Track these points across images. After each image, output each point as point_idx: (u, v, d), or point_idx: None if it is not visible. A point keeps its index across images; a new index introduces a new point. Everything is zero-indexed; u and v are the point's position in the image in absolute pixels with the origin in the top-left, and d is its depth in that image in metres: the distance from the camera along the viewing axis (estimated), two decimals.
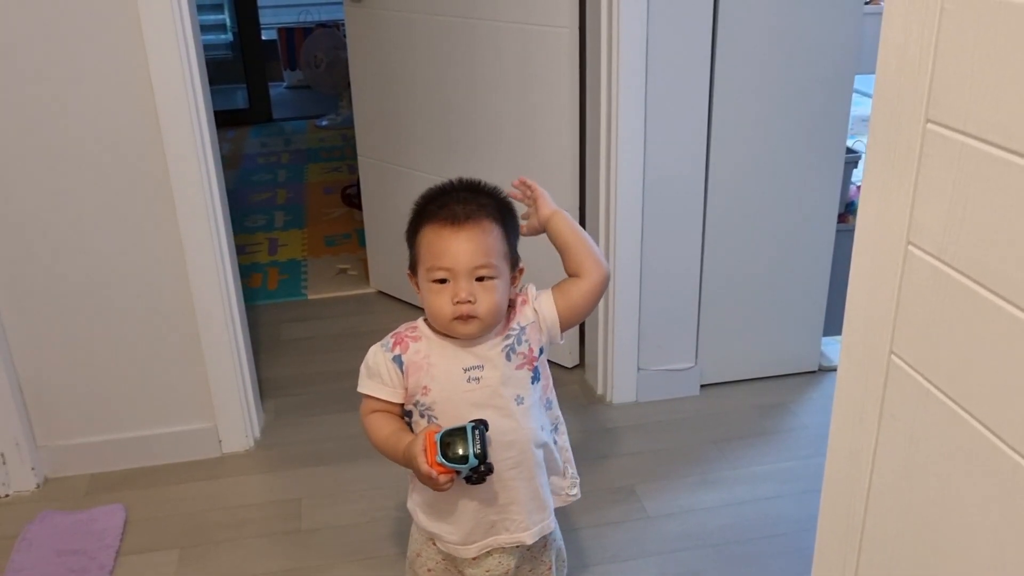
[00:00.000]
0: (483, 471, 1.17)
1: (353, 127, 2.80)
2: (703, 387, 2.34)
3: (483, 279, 1.22)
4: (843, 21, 2.05)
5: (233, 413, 2.10)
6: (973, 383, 0.76)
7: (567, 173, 2.23)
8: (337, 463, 2.07)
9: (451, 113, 2.44)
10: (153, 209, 1.90)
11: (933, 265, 0.79)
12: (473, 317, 1.22)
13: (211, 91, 2.01)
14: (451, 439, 1.18)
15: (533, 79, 2.21)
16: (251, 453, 2.13)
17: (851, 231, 0.93)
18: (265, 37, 5.34)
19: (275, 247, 3.37)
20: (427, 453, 1.18)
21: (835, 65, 2.09)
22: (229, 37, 5.62)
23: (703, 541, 1.81)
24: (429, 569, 1.41)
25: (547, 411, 1.36)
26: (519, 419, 1.28)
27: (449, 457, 1.17)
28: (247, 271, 3.07)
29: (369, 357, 1.31)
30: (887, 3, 0.82)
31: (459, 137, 2.44)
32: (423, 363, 1.27)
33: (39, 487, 2.01)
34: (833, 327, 2.39)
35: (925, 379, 0.82)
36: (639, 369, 2.27)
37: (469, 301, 1.21)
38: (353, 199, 3.52)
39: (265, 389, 2.35)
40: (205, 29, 5.13)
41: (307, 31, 5.48)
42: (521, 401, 1.28)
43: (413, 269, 1.30)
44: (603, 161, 2.10)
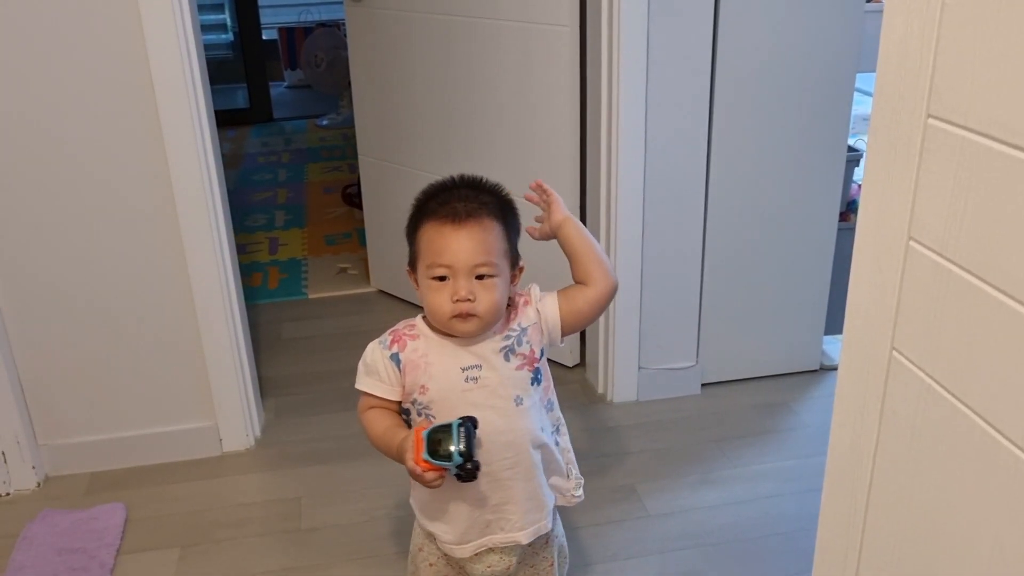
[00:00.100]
0: (469, 469, 1.15)
1: (353, 126, 2.81)
2: (704, 386, 2.34)
3: (483, 277, 1.22)
4: (844, 19, 2.05)
5: (233, 412, 2.10)
6: (975, 379, 0.76)
7: (568, 172, 2.23)
8: (337, 462, 2.07)
9: (452, 112, 2.44)
10: (154, 208, 1.90)
11: (934, 260, 0.79)
12: (472, 315, 1.22)
13: (212, 91, 2.01)
14: (438, 436, 1.17)
15: (534, 78, 2.21)
16: (251, 452, 2.14)
17: (852, 230, 0.92)
18: (266, 37, 5.34)
19: (275, 246, 3.37)
20: (414, 450, 1.17)
21: (836, 63, 2.09)
22: (230, 37, 5.62)
23: (704, 540, 1.81)
24: (431, 564, 1.40)
25: (548, 413, 1.36)
26: (517, 420, 1.27)
27: (435, 454, 1.16)
28: (248, 270, 3.07)
29: (367, 354, 1.31)
30: None
31: (459, 136, 2.44)
32: (420, 362, 1.27)
33: (40, 485, 2.01)
34: (834, 326, 2.39)
35: (926, 375, 0.82)
36: (640, 368, 2.27)
37: (469, 299, 1.21)
38: (353, 198, 3.52)
39: (265, 388, 2.35)
40: (206, 29, 5.15)
41: (308, 30, 5.48)
42: (520, 402, 1.28)
43: (412, 265, 1.29)
44: (604, 160, 2.10)
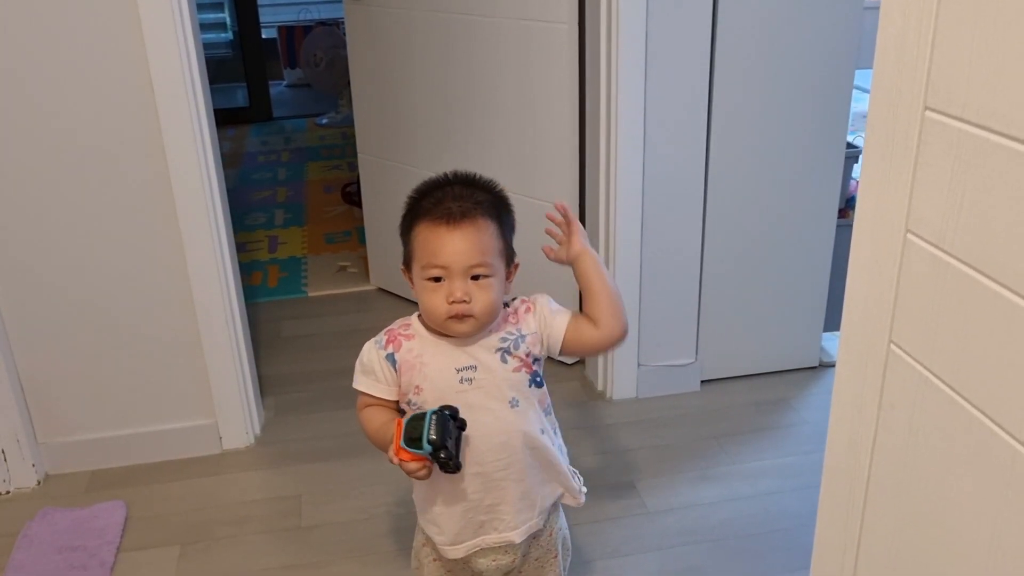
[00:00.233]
0: (443, 458, 1.14)
1: (353, 125, 2.80)
2: (703, 383, 2.34)
3: (478, 277, 1.21)
4: (843, 16, 2.05)
5: (233, 410, 2.10)
6: (972, 371, 0.76)
7: (567, 169, 2.23)
8: (337, 460, 2.07)
9: (451, 110, 2.44)
10: (154, 207, 1.90)
11: (932, 253, 0.79)
12: (469, 316, 1.21)
13: (211, 90, 2.01)
14: (414, 425, 1.17)
15: (533, 75, 2.21)
16: (251, 450, 2.14)
17: (851, 226, 0.92)
18: (265, 35, 5.34)
19: (275, 245, 3.37)
20: (395, 439, 1.17)
21: (835, 60, 2.09)
22: (229, 36, 5.62)
23: (703, 536, 1.81)
24: (435, 559, 1.40)
25: (547, 416, 1.35)
26: (511, 421, 1.27)
27: (410, 443, 1.16)
28: (247, 269, 3.07)
29: (363, 354, 1.30)
30: None
31: (459, 134, 2.44)
32: (416, 362, 1.26)
33: (40, 484, 2.02)
34: (833, 323, 2.39)
35: (924, 368, 0.82)
36: (639, 365, 2.27)
37: (465, 301, 1.20)
38: (353, 197, 3.52)
39: (265, 386, 2.35)
40: (205, 28, 5.14)
41: (307, 29, 5.47)
42: (515, 403, 1.27)
43: (407, 264, 1.29)
44: (603, 157, 2.10)
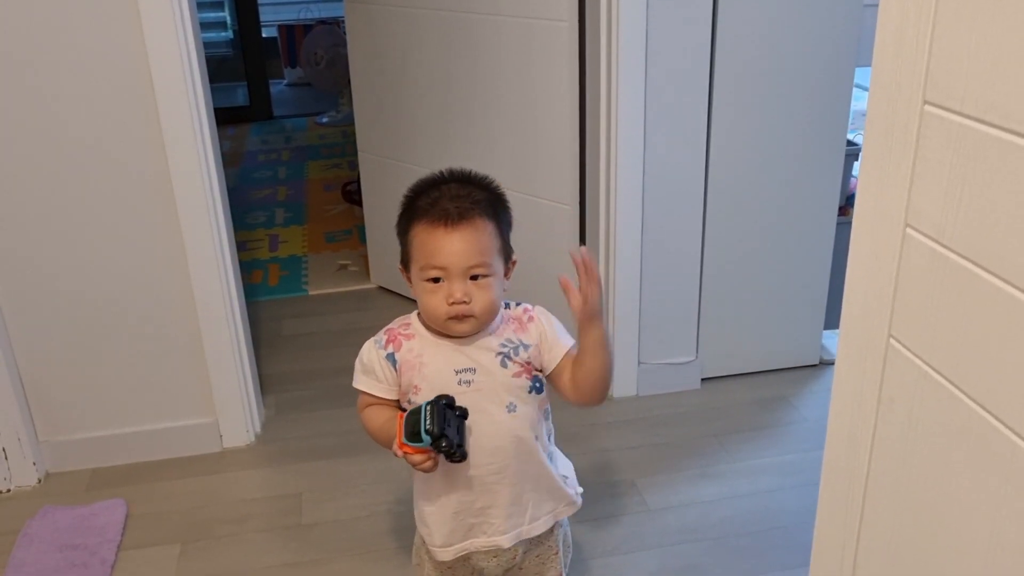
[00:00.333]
0: (444, 447, 1.15)
1: (353, 124, 2.80)
2: (704, 381, 2.34)
3: (477, 277, 1.21)
4: (843, 14, 2.05)
5: (234, 408, 2.10)
6: (972, 365, 0.76)
7: (567, 168, 2.23)
8: (337, 458, 2.07)
9: (451, 109, 2.44)
10: (154, 206, 1.90)
11: (931, 247, 0.79)
12: (469, 316, 1.21)
13: (211, 89, 2.01)
14: (413, 418, 1.17)
15: (533, 74, 2.21)
16: (252, 448, 2.14)
17: (852, 223, 0.92)
18: (265, 34, 5.33)
19: (276, 243, 3.37)
20: (397, 435, 1.18)
21: (835, 58, 2.09)
22: (229, 35, 5.61)
23: (703, 534, 1.81)
24: None
25: (546, 420, 1.35)
26: (507, 426, 1.26)
27: (411, 437, 1.16)
28: (248, 267, 3.07)
29: (363, 353, 1.30)
30: None
31: (459, 133, 2.44)
32: (415, 362, 1.26)
33: (40, 482, 2.02)
34: (834, 320, 2.39)
35: (923, 362, 0.82)
36: (640, 363, 2.27)
37: (464, 301, 1.20)
38: (353, 195, 3.52)
39: (266, 384, 2.35)
40: (205, 27, 5.14)
41: (307, 28, 5.47)
42: (513, 408, 1.26)
43: (405, 264, 1.28)
44: (603, 155, 2.10)
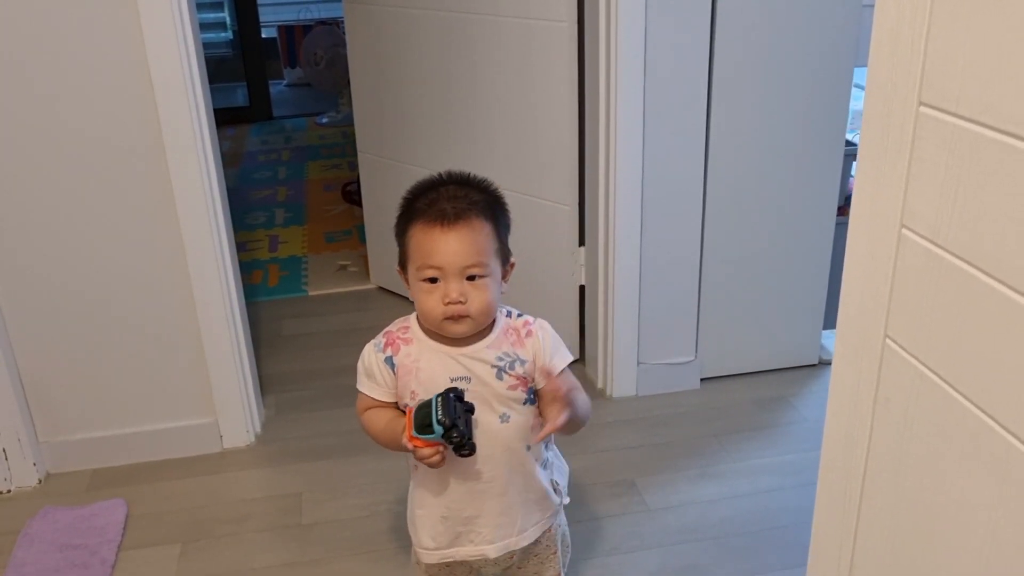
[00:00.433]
0: (456, 438, 1.15)
1: (353, 124, 2.81)
2: (703, 381, 2.34)
3: (474, 278, 1.21)
4: (842, 13, 2.05)
5: (234, 408, 2.10)
6: (967, 365, 0.76)
7: (567, 168, 2.23)
8: (337, 458, 2.08)
9: (450, 109, 2.44)
10: (154, 207, 1.90)
11: (927, 248, 0.79)
12: (465, 316, 1.21)
13: (211, 89, 2.01)
14: (423, 411, 1.18)
15: (533, 74, 2.21)
16: (252, 448, 2.14)
17: None
18: (265, 35, 5.34)
19: (276, 244, 3.38)
20: (406, 429, 1.19)
21: (834, 58, 2.09)
22: (229, 35, 5.62)
23: (703, 534, 1.82)
24: None
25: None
26: (498, 436, 1.26)
27: (421, 429, 1.16)
28: (248, 268, 3.07)
29: (364, 356, 1.31)
30: None
31: (459, 133, 2.45)
32: (412, 367, 1.27)
33: (40, 483, 2.02)
34: (833, 320, 2.38)
35: (919, 362, 0.82)
36: (639, 363, 2.27)
37: (460, 302, 1.20)
38: (353, 196, 3.52)
39: (266, 385, 2.36)
40: (205, 27, 5.15)
41: (307, 28, 5.47)
42: (506, 419, 1.26)
43: (403, 265, 1.29)
44: (602, 156, 2.10)
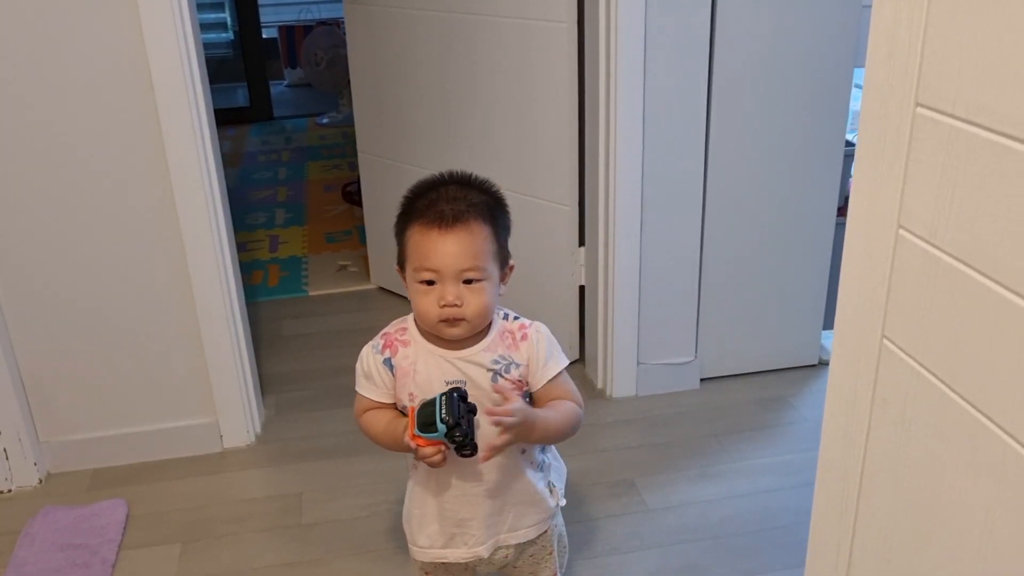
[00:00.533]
0: (458, 437, 1.15)
1: (353, 125, 2.81)
2: (703, 381, 2.34)
3: (471, 281, 1.21)
4: (842, 14, 2.05)
5: (234, 409, 2.10)
6: (964, 366, 0.77)
7: (566, 168, 2.23)
8: (337, 458, 2.08)
9: (451, 109, 2.44)
10: (154, 207, 1.90)
11: (924, 249, 0.80)
12: (460, 319, 1.21)
13: (211, 89, 2.01)
14: (426, 410, 1.18)
15: (532, 74, 2.21)
16: (252, 448, 2.14)
17: None
18: (265, 35, 5.34)
19: (276, 244, 3.38)
20: (409, 427, 1.19)
21: (834, 59, 2.09)
22: (229, 35, 5.62)
23: (703, 534, 1.82)
24: None
25: None
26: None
27: (425, 428, 1.16)
28: (248, 268, 3.08)
29: (362, 358, 1.31)
30: None
31: (459, 133, 2.45)
32: (409, 369, 1.27)
33: (41, 482, 2.02)
34: (833, 320, 2.39)
35: (916, 362, 0.83)
36: (639, 363, 2.28)
37: (456, 305, 1.20)
38: (353, 196, 3.52)
39: (266, 385, 2.36)
40: (205, 27, 5.15)
41: (307, 29, 5.48)
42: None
43: (401, 264, 1.29)
44: (602, 156, 2.11)
